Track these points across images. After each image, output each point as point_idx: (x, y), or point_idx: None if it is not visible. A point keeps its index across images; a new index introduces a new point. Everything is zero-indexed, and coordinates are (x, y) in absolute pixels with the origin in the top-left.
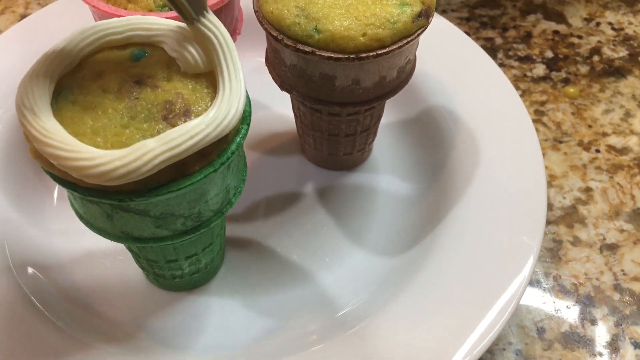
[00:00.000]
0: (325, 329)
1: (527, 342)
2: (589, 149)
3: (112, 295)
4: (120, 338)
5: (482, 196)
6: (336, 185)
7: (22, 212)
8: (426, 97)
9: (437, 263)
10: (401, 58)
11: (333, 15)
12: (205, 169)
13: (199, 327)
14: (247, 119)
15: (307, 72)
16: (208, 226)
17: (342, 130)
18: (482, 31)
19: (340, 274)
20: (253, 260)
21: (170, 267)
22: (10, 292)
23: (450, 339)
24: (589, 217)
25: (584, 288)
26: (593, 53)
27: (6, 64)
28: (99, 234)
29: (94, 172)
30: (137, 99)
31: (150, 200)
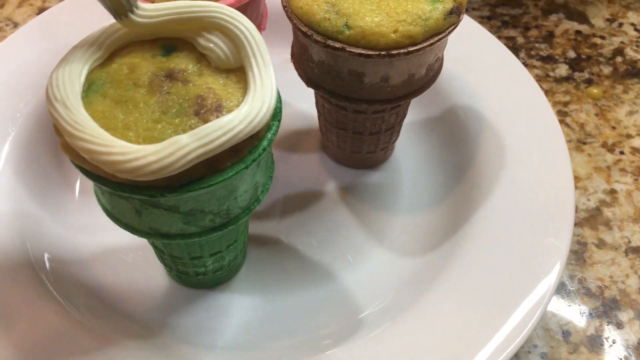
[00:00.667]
0: (346, 330)
1: (553, 345)
2: (613, 150)
3: (134, 292)
4: (141, 334)
5: (508, 197)
6: (358, 183)
7: (44, 208)
8: (450, 96)
9: (462, 265)
10: (431, 55)
11: (364, 12)
12: (237, 165)
13: (220, 325)
14: (277, 115)
15: (336, 68)
16: (236, 223)
17: (367, 128)
18: (503, 30)
19: (362, 274)
20: (274, 259)
21: (194, 264)
22: (33, 287)
23: (474, 344)
24: (614, 219)
25: (609, 291)
26: (616, 54)
27: (26, 58)
28: (126, 230)
29: (127, 167)
30: (169, 94)
31: (181, 196)
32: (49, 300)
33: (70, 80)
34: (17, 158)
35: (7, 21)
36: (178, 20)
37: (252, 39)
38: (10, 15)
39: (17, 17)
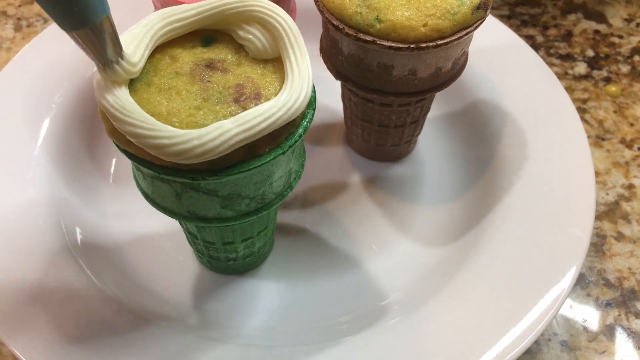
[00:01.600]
0: (365, 318)
1: (572, 333)
2: (632, 146)
3: (165, 276)
4: (172, 316)
5: (530, 190)
6: (382, 175)
7: (79, 195)
8: (473, 92)
9: (484, 256)
10: (458, 49)
11: (394, 6)
12: (274, 150)
13: (248, 309)
14: (312, 104)
15: (365, 61)
16: (270, 208)
17: (392, 121)
18: (522, 29)
19: (386, 263)
20: (300, 248)
21: (226, 249)
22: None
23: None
24: (632, 213)
25: (628, 282)
26: (634, 53)
27: (59, 52)
28: (165, 213)
29: (173, 150)
30: (209, 82)
31: (221, 179)
32: (86, 282)
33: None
34: (53, 147)
35: (38, 17)
36: (218, 16)
37: (289, 30)
38: (40, 11)
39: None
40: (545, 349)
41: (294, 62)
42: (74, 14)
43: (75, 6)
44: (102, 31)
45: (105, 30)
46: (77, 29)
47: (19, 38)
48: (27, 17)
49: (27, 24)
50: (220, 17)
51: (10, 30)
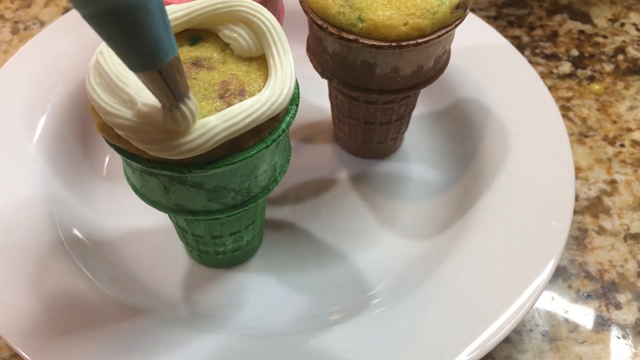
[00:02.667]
0: (353, 308)
1: (554, 324)
2: (614, 143)
3: (157, 270)
4: (163, 309)
5: (512, 184)
6: (369, 172)
7: (73, 192)
8: (458, 90)
9: (468, 248)
10: (439, 48)
11: (376, 6)
12: (258, 145)
13: (237, 301)
14: (295, 100)
15: (349, 59)
16: (255, 201)
17: (377, 119)
18: (509, 30)
19: (372, 256)
20: (289, 241)
21: (215, 243)
22: (63, 264)
23: (479, 321)
24: (614, 207)
25: (608, 274)
26: (618, 52)
27: (55, 53)
28: (154, 207)
29: (157, 145)
30: (195, 79)
31: (207, 172)
32: (79, 277)
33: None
34: (48, 145)
35: (34, 20)
36: (205, 16)
37: (272, 29)
38: (37, 15)
39: (44, 17)
40: (527, 339)
41: (277, 59)
42: (143, 55)
43: (145, 47)
44: (170, 72)
45: (174, 71)
46: (147, 70)
47: (17, 41)
48: (24, 21)
49: (24, 27)
50: (207, 17)
51: (8, 33)
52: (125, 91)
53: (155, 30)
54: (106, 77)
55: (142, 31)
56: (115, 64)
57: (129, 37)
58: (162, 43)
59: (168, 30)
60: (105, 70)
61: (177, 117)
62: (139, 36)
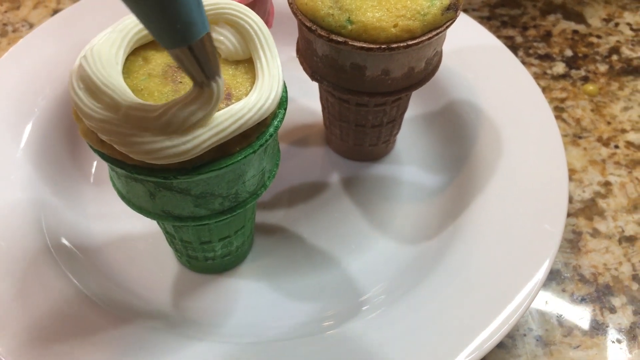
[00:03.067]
0: (348, 312)
1: (548, 328)
2: (608, 144)
3: (146, 276)
4: (153, 315)
5: (505, 186)
6: (361, 175)
7: (60, 196)
8: (450, 92)
9: (460, 251)
10: (430, 49)
11: (365, 7)
12: (245, 150)
13: (228, 307)
14: (283, 104)
15: (339, 62)
16: (244, 207)
17: (369, 121)
18: (502, 30)
19: (364, 260)
20: (280, 246)
21: (203, 248)
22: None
23: (473, 324)
24: (608, 210)
25: (603, 278)
26: (612, 52)
27: (42, 56)
28: (140, 213)
29: (142, 149)
30: (181, 83)
31: (193, 178)
32: (66, 284)
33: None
34: (35, 150)
35: (23, 22)
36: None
37: (260, 31)
38: (25, 17)
39: (33, 18)
40: (521, 344)
41: (265, 63)
42: (176, 31)
43: (178, 23)
44: (202, 48)
45: (206, 47)
46: (180, 46)
47: (5, 43)
48: (13, 23)
49: (13, 29)
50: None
51: None
52: (110, 95)
53: (188, 5)
54: (89, 81)
55: (176, 7)
56: (99, 68)
57: (163, 13)
58: (194, 19)
59: (200, 7)
60: (88, 75)
61: (206, 94)
62: (173, 12)
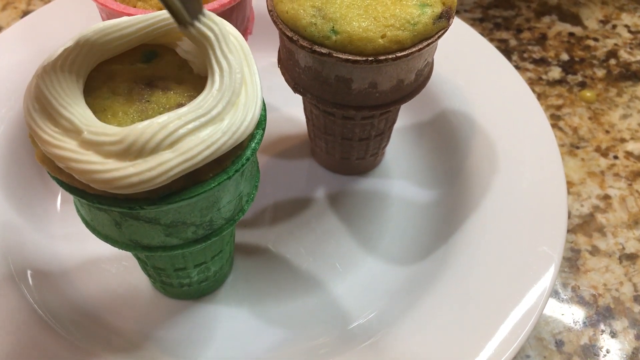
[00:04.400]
0: (337, 341)
1: (546, 355)
2: (607, 155)
3: (117, 303)
4: (125, 348)
5: (500, 204)
6: (348, 190)
7: (25, 217)
8: (441, 101)
9: (454, 273)
10: (420, 61)
11: (351, 16)
12: (219, 176)
13: (207, 336)
14: (262, 124)
15: (323, 74)
16: (220, 234)
17: (355, 134)
18: (495, 32)
19: (352, 283)
20: (262, 268)
21: (178, 275)
22: (13, 299)
23: (467, 354)
24: (608, 225)
25: (603, 299)
26: (609, 56)
27: (8, 62)
28: (106, 242)
29: (104, 177)
30: (149, 102)
31: (161, 208)
32: (30, 313)
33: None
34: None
35: None
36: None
37: (238, 45)
38: None
39: (1, 21)
40: None
41: None
42: None
43: None
44: None
45: None
46: None
47: None
48: None
49: None
50: (163, 32)
51: None
52: (68, 118)
53: None
54: (46, 102)
55: None
56: (57, 88)
57: None
58: None
59: None
60: (45, 95)
61: (194, 34)
62: None
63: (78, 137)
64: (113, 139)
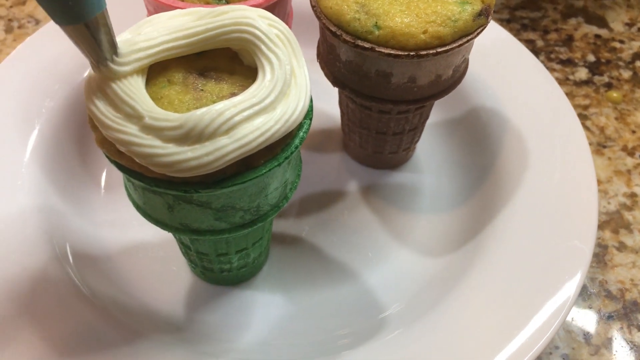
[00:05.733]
0: (363, 332)
1: (574, 346)
2: (633, 154)
3: (158, 287)
4: (164, 328)
5: (531, 199)
6: (380, 183)
7: (69, 203)
8: (473, 98)
9: (484, 267)
10: (458, 56)
11: (394, 12)
12: (270, 162)
13: (242, 322)
14: (309, 114)
15: (363, 68)
16: (265, 220)
17: (390, 129)
18: (522, 33)
19: (383, 274)
20: (296, 257)
21: (220, 260)
22: (59, 281)
23: (496, 346)
24: (634, 223)
25: (630, 294)
26: (635, 58)
27: (51, 55)
28: (157, 225)
29: (164, 161)
30: (202, 91)
31: (215, 192)
32: (76, 294)
33: None
34: (43, 153)
35: (29, 18)
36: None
37: (286, 40)
38: (32, 12)
39: (39, 14)
40: None
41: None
42: (69, 7)
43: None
44: (97, 27)
45: (100, 27)
46: (72, 24)
47: (10, 40)
48: (19, 18)
49: (19, 25)
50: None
51: (1, 32)
52: (131, 105)
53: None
54: (109, 89)
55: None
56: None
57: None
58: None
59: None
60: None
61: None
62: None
63: (139, 122)
64: (173, 124)
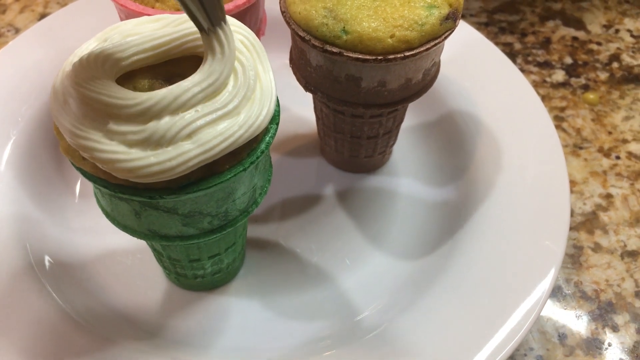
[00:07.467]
0: (344, 332)
1: (549, 347)
2: (609, 155)
3: (133, 294)
4: (139, 336)
5: (504, 201)
6: (356, 187)
7: (44, 211)
8: (447, 101)
9: (459, 267)
10: (427, 60)
11: (361, 17)
12: (235, 167)
13: (219, 327)
14: (276, 119)
15: (333, 73)
16: (234, 225)
17: (364, 133)
18: (500, 36)
19: (359, 277)
20: (272, 262)
21: (192, 266)
22: (34, 291)
23: (471, 346)
24: (610, 223)
25: (605, 294)
26: (612, 60)
27: (28, 63)
28: (125, 232)
29: (127, 167)
30: None
31: (180, 198)
32: (49, 303)
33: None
34: (18, 161)
35: (9, 27)
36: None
37: (251, 45)
38: (11, 21)
39: (19, 23)
40: None
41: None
42: None
43: None
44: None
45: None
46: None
47: None
48: None
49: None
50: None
51: None
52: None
53: None
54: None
55: None
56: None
57: None
58: None
59: None
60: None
61: (213, 41)
62: None
63: (103, 127)
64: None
